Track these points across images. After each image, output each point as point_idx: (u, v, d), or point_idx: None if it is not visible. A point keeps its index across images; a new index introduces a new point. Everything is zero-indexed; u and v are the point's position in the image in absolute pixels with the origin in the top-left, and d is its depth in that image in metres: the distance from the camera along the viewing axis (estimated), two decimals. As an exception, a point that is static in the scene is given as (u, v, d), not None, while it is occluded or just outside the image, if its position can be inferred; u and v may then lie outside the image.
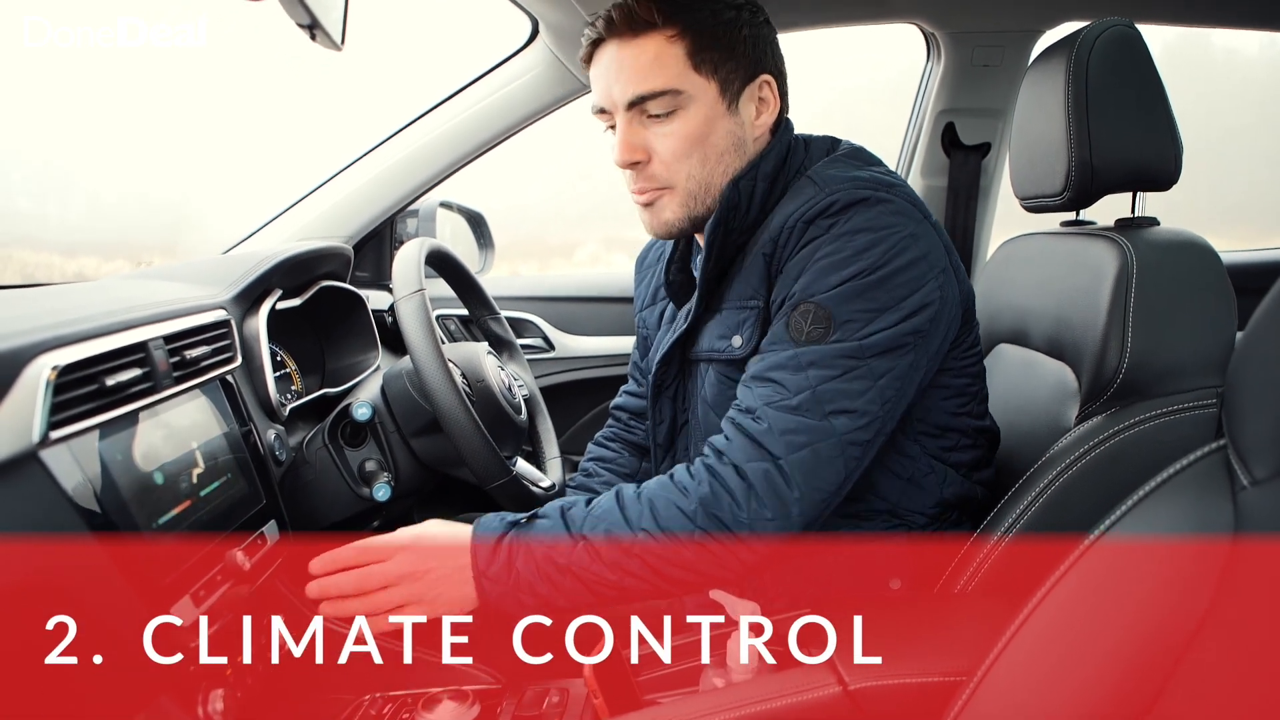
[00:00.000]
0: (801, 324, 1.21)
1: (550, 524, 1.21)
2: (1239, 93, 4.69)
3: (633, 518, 1.19)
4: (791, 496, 1.15)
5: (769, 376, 1.21)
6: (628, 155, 1.33)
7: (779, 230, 1.28)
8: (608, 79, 1.33)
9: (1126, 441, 1.25)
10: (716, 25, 1.30)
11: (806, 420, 1.17)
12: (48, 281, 2.05)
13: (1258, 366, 0.76)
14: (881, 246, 1.20)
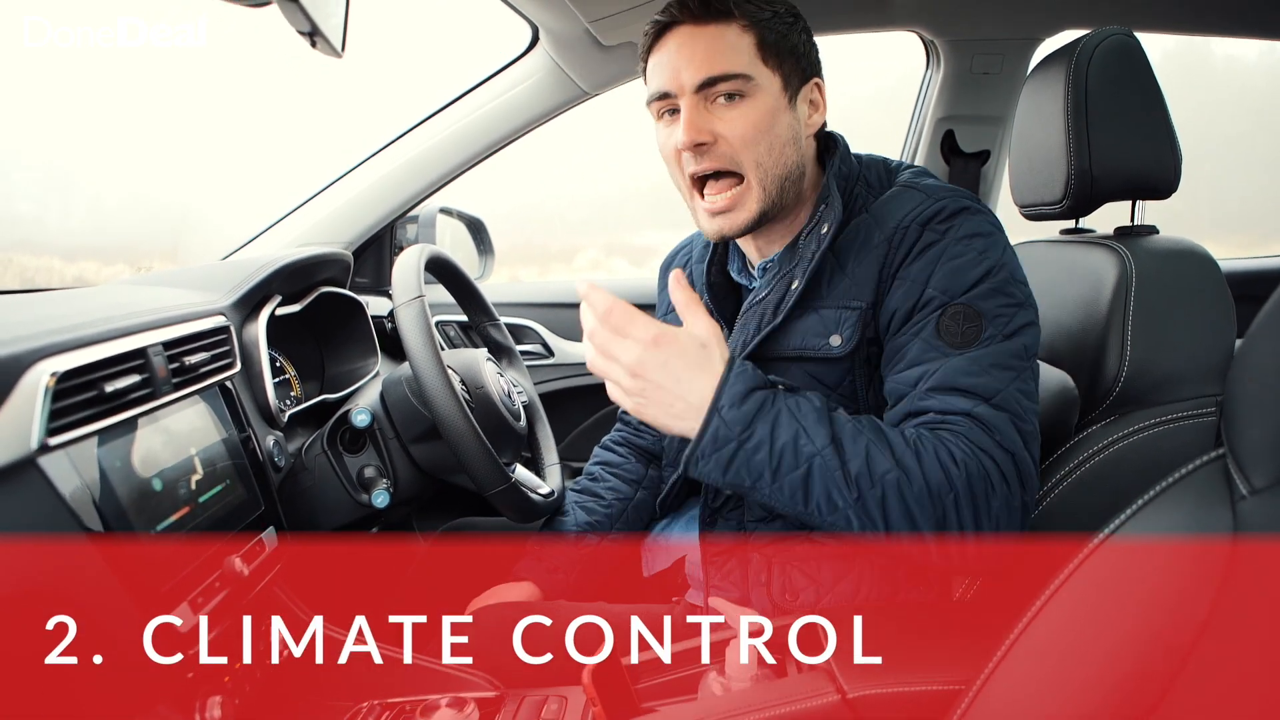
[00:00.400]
0: (954, 327, 1.22)
1: (814, 406, 1.17)
2: (1238, 100, 4.69)
3: (896, 448, 1.15)
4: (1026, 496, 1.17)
5: (959, 385, 1.21)
6: (694, 135, 1.32)
7: (893, 231, 1.30)
8: (676, 62, 1.34)
9: (1126, 449, 1.25)
10: (781, 26, 1.35)
11: (1016, 422, 1.18)
12: (48, 286, 2.05)
13: (1257, 375, 0.76)
14: (996, 250, 1.26)
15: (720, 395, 1.14)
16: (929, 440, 1.16)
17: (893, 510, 1.13)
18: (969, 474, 1.13)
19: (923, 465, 1.13)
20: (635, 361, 1.16)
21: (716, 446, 1.14)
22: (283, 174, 4.53)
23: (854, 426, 1.17)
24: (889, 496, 1.12)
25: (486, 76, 2.25)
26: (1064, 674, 0.81)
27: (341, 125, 5.00)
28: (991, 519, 1.13)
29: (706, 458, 1.15)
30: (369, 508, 1.52)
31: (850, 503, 1.13)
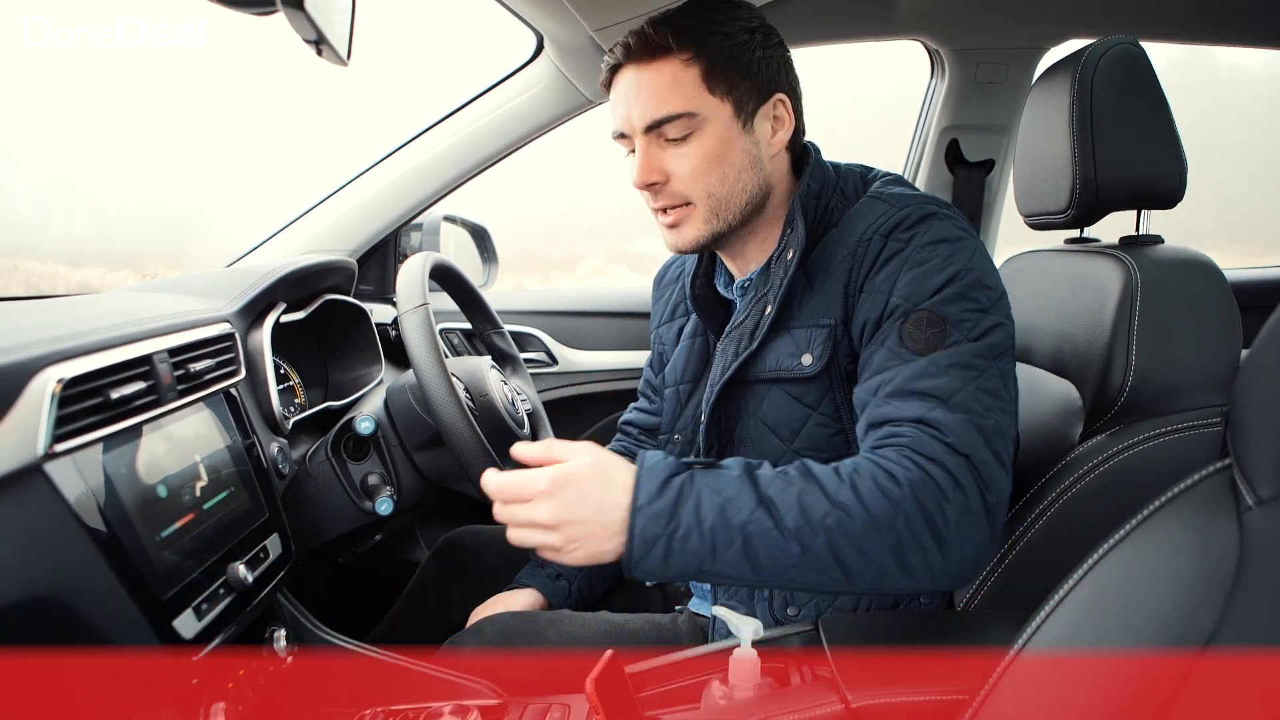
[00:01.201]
0: (917, 333, 1.20)
1: (732, 476, 1.12)
2: (1242, 109, 4.69)
3: (830, 488, 1.10)
4: (989, 497, 1.11)
5: (915, 389, 1.18)
6: (645, 177, 1.35)
7: (855, 245, 1.29)
8: (626, 103, 1.35)
9: (1130, 460, 1.25)
10: (730, 48, 1.32)
11: (974, 420, 1.15)
12: (52, 292, 2.06)
13: (1263, 385, 0.76)
14: (963, 255, 1.23)
15: (637, 496, 1.10)
16: (866, 467, 1.11)
17: (843, 551, 1.07)
18: (915, 490, 1.08)
19: (861, 497, 1.08)
20: (550, 515, 1.11)
21: (648, 546, 1.09)
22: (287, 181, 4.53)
23: (781, 480, 1.11)
24: (835, 539, 1.07)
25: (491, 84, 2.25)
26: (1068, 685, 0.81)
27: (345, 132, 5.01)
28: (951, 528, 1.08)
29: (643, 560, 1.09)
30: (372, 515, 1.52)
31: (796, 558, 1.08)
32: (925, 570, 1.08)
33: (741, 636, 1.12)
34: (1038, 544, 1.27)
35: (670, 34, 1.30)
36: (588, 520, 1.10)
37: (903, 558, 1.08)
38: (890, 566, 1.08)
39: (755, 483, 1.11)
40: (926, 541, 1.08)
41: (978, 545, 1.10)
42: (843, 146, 1.46)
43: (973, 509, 1.09)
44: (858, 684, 1.05)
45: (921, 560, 1.08)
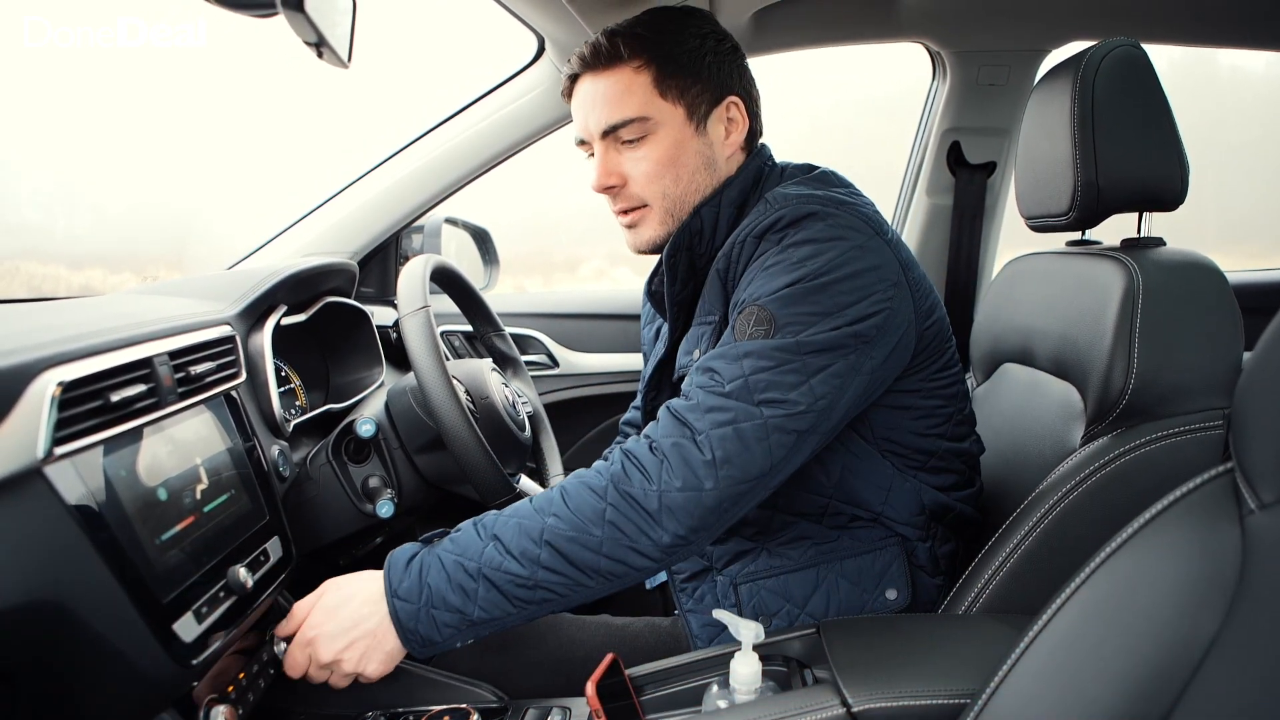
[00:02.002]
0: (745, 326, 1.23)
1: (462, 533, 1.24)
2: (1244, 111, 4.69)
3: (541, 505, 1.20)
4: (704, 468, 1.16)
5: (708, 367, 1.23)
6: (603, 180, 1.43)
7: (730, 246, 1.34)
8: (584, 111, 1.43)
9: (1132, 463, 1.25)
10: (680, 53, 1.40)
11: (734, 403, 1.18)
12: (54, 294, 2.06)
13: (1265, 388, 0.75)
14: (825, 256, 1.24)
15: (389, 584, 1.22)
16: (574, 477, 1.23)
17: (569, 553, 1.16)
18: (613, 479, 1.18)
19: (570, 502, 1.19)
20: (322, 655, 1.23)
21: (414, 622, 1.19)
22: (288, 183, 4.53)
23: (502, 516, 1.23)
24: (558, 545, 1.16)
25: (492, 87, 2.25)
26: (1070, 689, 0.80)
27: (347, 134, 5.01)
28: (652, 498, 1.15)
29: (414, 636, 1.19)
30: (373, 518, 1.52)
31: (535, 578, 1.17)
32: (650, 544, 1.16)
33: (742, 640, 1.11)
34: (1039, 547, 1.26)
35: (622, 43, 1.38)
36: (352, 635, 1.22)
37: (626, 539, 1.16)
38: (621, 551, 1.16)
39: (479, 528, 1.22)
40: (638, 519, 1.15)
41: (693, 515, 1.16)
42: (843, 148, 1.46)
43: (676, 485, 1.15)
44: (859, 687, 1.05)
45: (645, 539, 1.16)
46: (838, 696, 1.05)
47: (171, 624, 1.02)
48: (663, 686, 1.23)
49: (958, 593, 1.31)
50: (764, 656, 1.15)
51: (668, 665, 1.24)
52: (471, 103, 2.26)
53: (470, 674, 1.38)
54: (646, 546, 1.16)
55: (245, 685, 1.23)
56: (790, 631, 1.23)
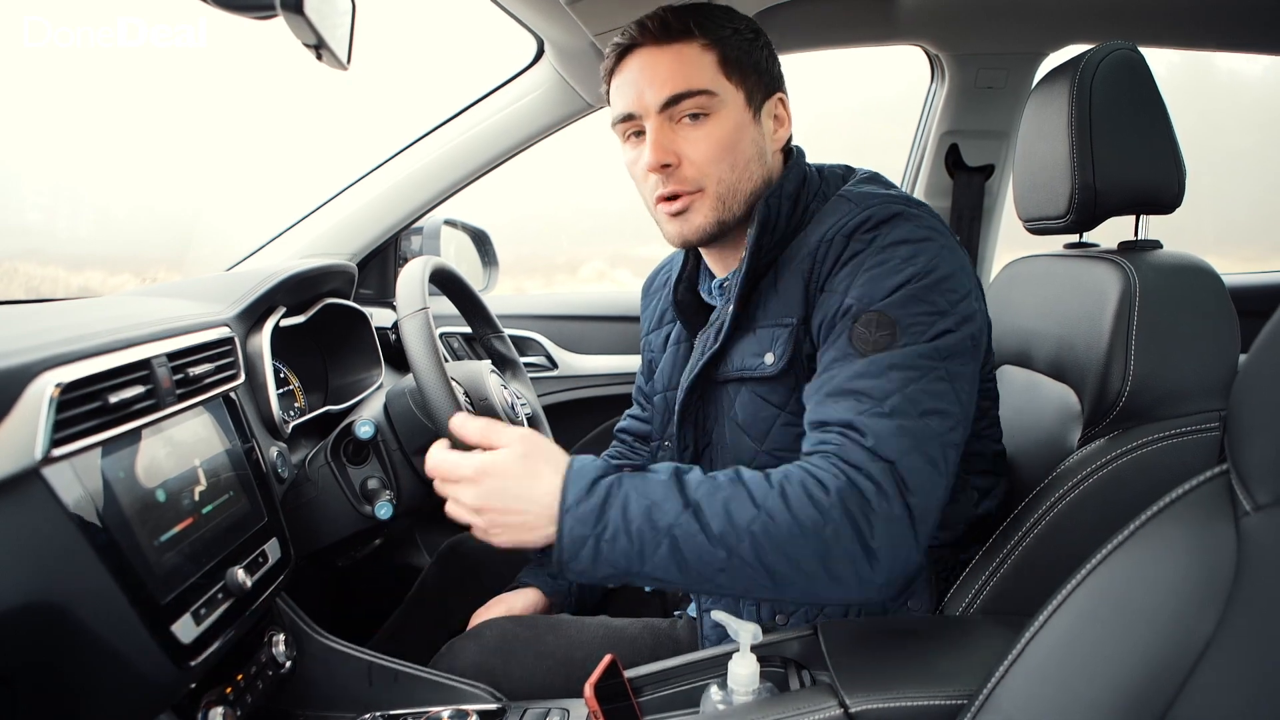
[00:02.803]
0: (866, 334, 1.19)
1: (660, 480, 1.13)
2: (1242, 114, 4.70)
3: (758, 493, 1.11)
4: (912, 500, 1.10)
5: (851, 389, 1.17)
6: (660, 156, 1.32)
7: (817, 245, 1.29)
8: (639, 84, 1.34)
9: (1129, 464, 1.25)
10: (741, 41, 1.35)
11: (906, 423, 1.12)
12: (53, 296, 2.06)
13: (1261, 390, 0.76)
14: (925, 255, 1.21)
15: (565, 496, 1.12)
16: (796, 475, 1.12)
17: (769, 556, 1.07)
18: (843, 498, 1.08)
19: (789, 504, 1.09)
20: (473, 500, 1.16)
21: (576, 546, 1.11)
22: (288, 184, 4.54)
23: (710, 485, 1.12)
24: (760, 544, 1.07)
25: (492, 89, 2.26)
26: (1067, 689, 0.81)
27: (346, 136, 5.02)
28: (878, 538, 1.08)
29: (574, 559, 1.11)
30: (372, 519, 1.52)
31: (723, 562, 1.08)
32: (854, 580, 1.09)
33: (740, 641, 1.12)
34: (1035, 549, 1.26)
35: (693, 18, 1.32)
36: (507, 511, 1.14)
37: (830, 567, 1.08)
38: (818, 575, 1.08)
39: (682, 486, 1.12)
40: (854, 551, 1.08)
41: (905, 556, 1.10)
42: (845, 150, 1.46)
43: (895, 515, 1.09)
44: (856, 689, 1.05)
45: (850, 570, 1.08)
46: (835, 698, 1.05)
47: (170, 625, 1.03)
48: (661, 688, 1.24)
49: (955, 594, 1.31)
50: (762, 658, 1.15)
51: (666, 666, 1.24)
52: (471, 105, 2.26)
53: (468, 675, 1.38)
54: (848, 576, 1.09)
55: (244, 686, 1.24)
56: (788, 633, 1.23)
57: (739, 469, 1.15)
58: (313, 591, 1.72)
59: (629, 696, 1.19)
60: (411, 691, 1.35)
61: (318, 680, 1.39)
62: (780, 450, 1.33)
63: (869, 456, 1.11)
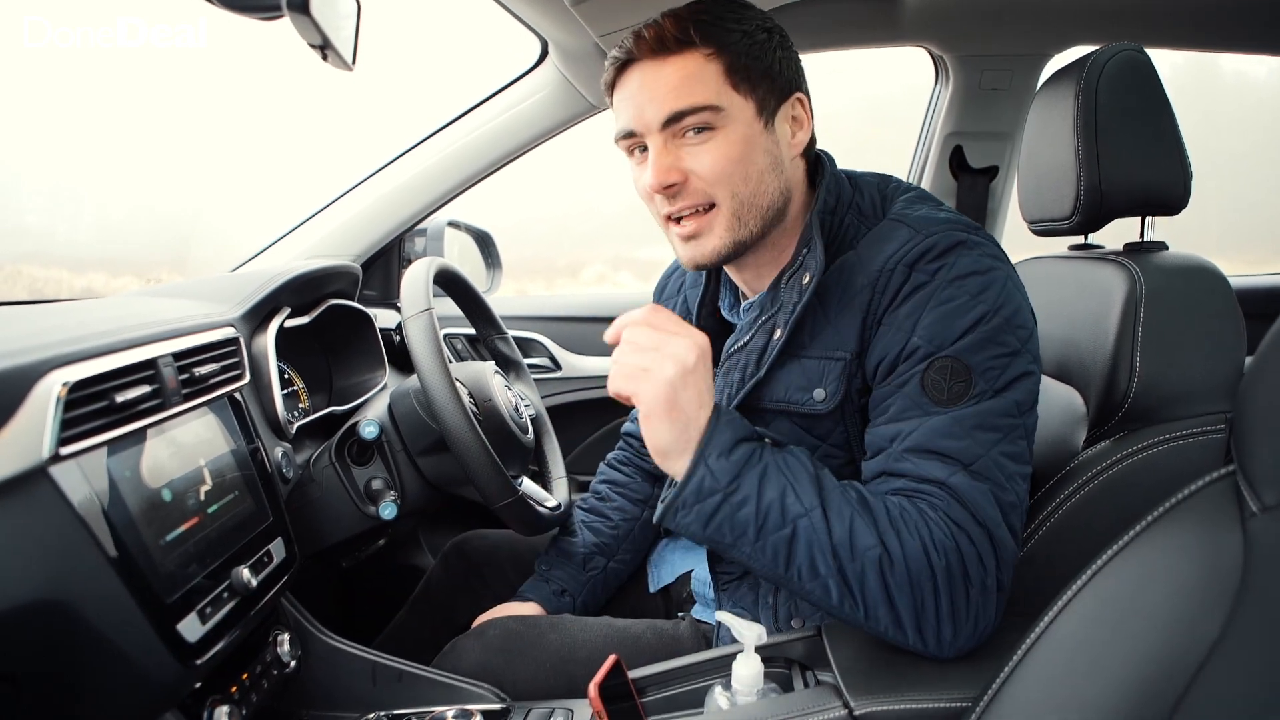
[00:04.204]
0: (941, 382, 1.15)
1: (803, 467, 1.12)
2: (1248, 116, 4.70)
3: (882, 525, 1.09)
4: (1003, 576, 1.11)
5: (936, 449, 1.13)
6: (663, 177, 1.25)
7: (877, 275, 1.22)
8: (639, 100, 1.26)
9: (1134, 466, 1.25)
10: (751, 45, 1.26)
11: (996, 492, 1.11)
12: (56, 297, 2.06)
13: (1267, 392, 0.76)
14: (994, 290, 1.17)
15: (707, 444, 1.10)
16: (912, 516, 1.10)
17: (871, 588, 1.07)
18: (949, 560, 1.07)
19: (904, 546, 1.07)
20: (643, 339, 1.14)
21: (700, 498, 1.09)
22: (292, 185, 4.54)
23: (841, 494, 1.11)
24: (868, 573, 1.07)
25: (495, 90, 2.26)
26: (1072, 691, 0.81)
27: (350, 137, 5.02)
28: (970, 604, 1.08)
29: (688, 508, 1.10)
30: (376, 520, 1.52)
31: (832, 570, 1.07)
32: (934, 638, 1.09)
33: (745, 642, 1.11)
34: (1041, 550, 1.26)
35: (692, 27, 1.23)
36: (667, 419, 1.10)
37: (921, 618, 1.08)
38: (905, 621, 1.08)
39: (820, 482, 1.11)
40: (945, 611, 1.08)
41: (984, 626, 1.10)
42: (846, 152, 1.44)
43: (990, 586, 1.09)
44: (860, 690, 1.05)
45: (935, 628, 1.08)
46: (840, 699, 1.05)
47: (175, 624, 1.03)
48: (665, 688, 1.23)
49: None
50: (766, 659, 1.15)
51: (670, 667, 1.24)
52: (475, 106, 2.26)
53: (472, 674, 1.38)
54: (929, 631, 1.09)
55: (249, 686, 1.24)
56: (792, 634, 1.23)
57: (858, 488, 1.14)
58: (317, 591, 1.72)
59: (633, 697, 1.19)
60: (415, 691, 1.35)
61: (322, 680, 1.39)
62: None
63: (971, 520, 1.09)
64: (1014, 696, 0.87)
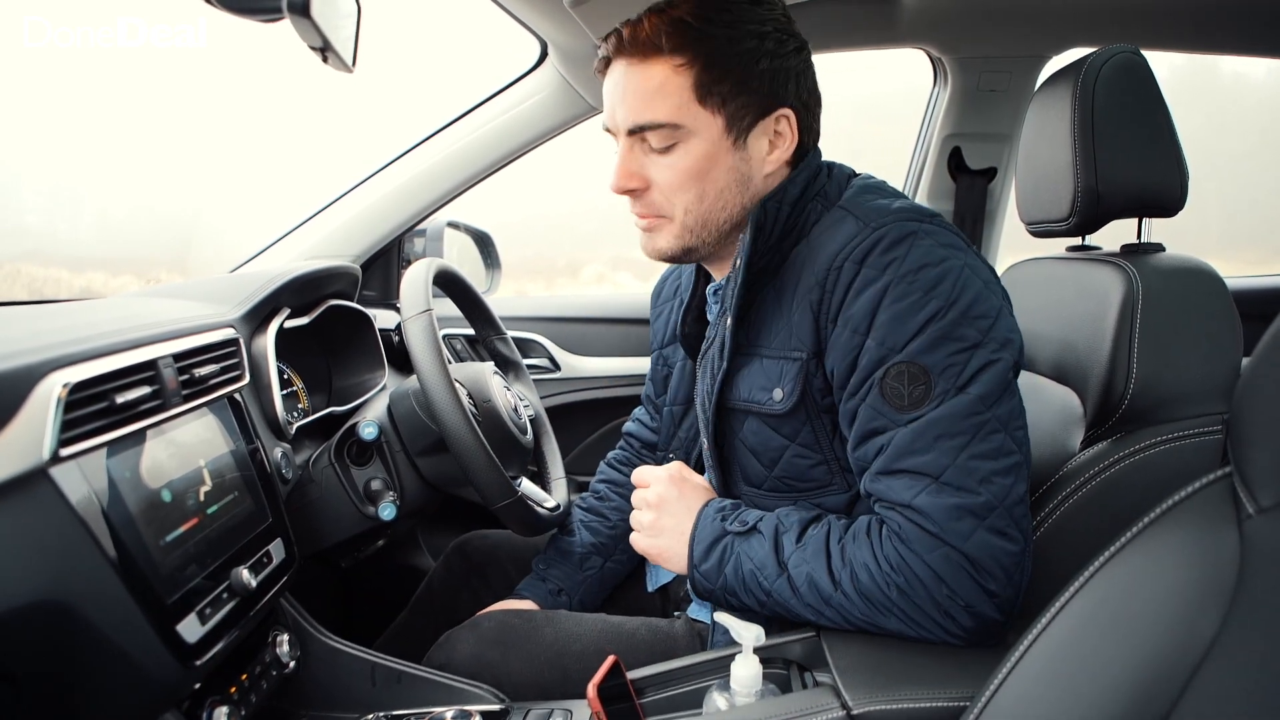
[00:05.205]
0: (900, 389, 1.13)
1: (763, 545, 1.22)
2: (1245, 117, 4.70)
3: (836, 572, 1.16)
4: (986, 585, 1.10)
5: (902, 468, 1.14)
6: (622, 182, 1.28)
7: (825, 273, 1.19)
8: (613, 100, 1.28)
9: (1131, 467, 1.25)
10: (731, 56, 1.22)
11: (965, 501, 1.10)
12: (55, 297, 2.06)
13: (1263, 393, 0.76)
14: (948, 281, 1.14)
15: (692, 557, 1.28)
16: (863, 556, 1.15)
17: (854, 621, 1.17)
18: (900, 587, 1.12)
19: (859, 587, 1.15)
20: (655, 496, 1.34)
21: (706, 594, 1.28)
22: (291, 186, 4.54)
23: (799, 556, 1.19)
24: (842, 614, 1.17)
25: (495, 91, 2.26)
26: (1068, 692, 0.81)
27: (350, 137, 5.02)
28: (953, 608, 1.11)
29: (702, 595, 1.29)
30: (375, 520, 1.52)
31: (817, 619, 1.19)
32: (943, 632, 1.13)
33: (743, 642, 1.12)
34: (1038, 551, 1.26)
35: (665, 33, 1.21)
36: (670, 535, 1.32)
37: (918, 626, 1.14)
38: (906, 631, 1.15)
39: (778, 547, 1.21)
40: (931, 616, 1.12)
41: (988, 622, 1.12)
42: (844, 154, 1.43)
43: (967, 601, 1.11)
44: (859, 690, 1.05)
45: (938, 628, 1.13)
46: (838, 699, 1.05)
47: (175, 625, 1.03)
48: (664, 689, 1.24)
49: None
50: (765, 659, 1.16)
51: (669, 668, 1.24)
52: (474, 107, 2.26)
53: (466, 667, 1.38)
54: (937, 632, 1.13)
55: (247, 686, 1.24)
56: (790, 635, 1.23)
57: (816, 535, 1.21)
58: (317, 592, 1.72)
59: (632, 698, 1.19)
60: (414, 692, 1.36)
61: (321, 680, 1.39)
62: (790, 478, 1.31)
63: (932, 542, 1.11)
64: (1011, 696, 0.87)
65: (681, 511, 1.31)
